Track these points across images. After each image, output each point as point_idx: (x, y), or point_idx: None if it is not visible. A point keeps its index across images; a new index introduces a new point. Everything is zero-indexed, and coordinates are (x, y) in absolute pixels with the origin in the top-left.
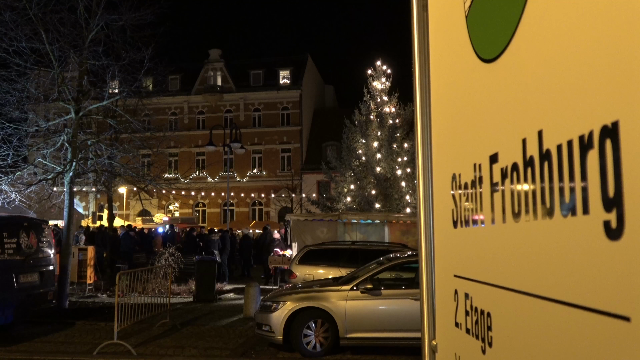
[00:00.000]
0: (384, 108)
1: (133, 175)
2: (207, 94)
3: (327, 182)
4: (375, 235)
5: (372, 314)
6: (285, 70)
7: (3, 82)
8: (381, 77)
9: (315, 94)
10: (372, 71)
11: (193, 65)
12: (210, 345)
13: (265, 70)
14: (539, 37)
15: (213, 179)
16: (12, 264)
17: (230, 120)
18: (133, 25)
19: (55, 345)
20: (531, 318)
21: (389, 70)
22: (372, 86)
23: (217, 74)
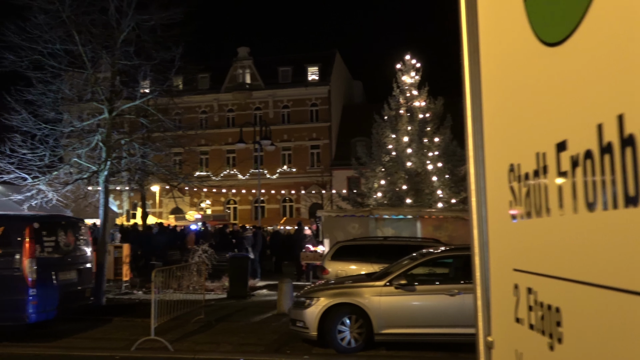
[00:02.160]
0: (414, 102)
1: (166, 173)
2: (237, 92)
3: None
4: (407, 231)
5: (407, 309)
6: (314, 66)
7: (39, 84)
8: (410, 71)
9: (344, 90)
10: (401, 65)
11: (222, 64)
12: (245, 341)
13: (293, 67)
14: (615, 16)
15: (243, 176)
16: (51, 262)
17: (259, 118)
18: (163, 24)
19: (93, 341)
20: (607, 312)
21: (418, 64)
22: (401, 80)
23: (246, 72)
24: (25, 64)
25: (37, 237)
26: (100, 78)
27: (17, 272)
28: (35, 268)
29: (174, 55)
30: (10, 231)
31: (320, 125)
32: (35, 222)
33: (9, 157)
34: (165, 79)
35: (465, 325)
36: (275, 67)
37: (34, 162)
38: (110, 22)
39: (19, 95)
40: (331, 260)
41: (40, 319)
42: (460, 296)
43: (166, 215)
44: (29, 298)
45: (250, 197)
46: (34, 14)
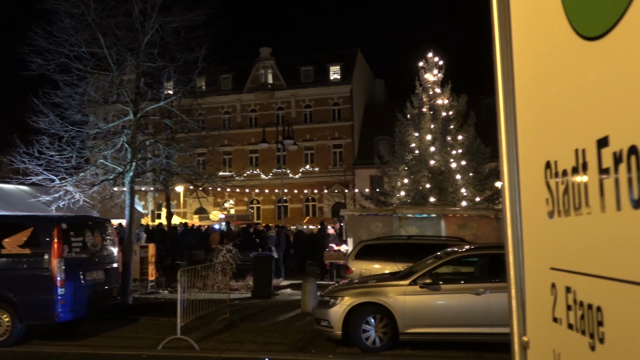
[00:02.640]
0: (437, 100)
1: (190, 173)
2: (259, 92)
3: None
4: (431, 230)
5: (432, 309)
6: (335, 65)
7: (65, 86)
8: (433, 69)
9: (366, 89)
10: (424, 63)
11: (244, 64)
12: (270, 341)
13: (315, 66)
14: None
15: (266, 176)
16: (79, 262)
17: (281, 118)
18: (186, 26)
19: (121, 340)
20: None
21: (441, 62)
22: (423, 78)
23: (268, 72)
24: (52, 67)
25: (65, 238)
26: (125, 80)
27: (46, 272)
28: (63, 268)
29: (198, 57)
30: (39, 232)
31: (342, 124)
32: (63, 223)
33: (37, 159)
34: (189, 80)
35: (491, 324)
36: (297, 67)
37: (62, 163)
38: (135, 25)
39: (46, 98)
40: (355, 259)
41: (69, 318)
42: (486, 295)
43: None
44: (57, 297)
45: (273, 196)
46: (60, 17)
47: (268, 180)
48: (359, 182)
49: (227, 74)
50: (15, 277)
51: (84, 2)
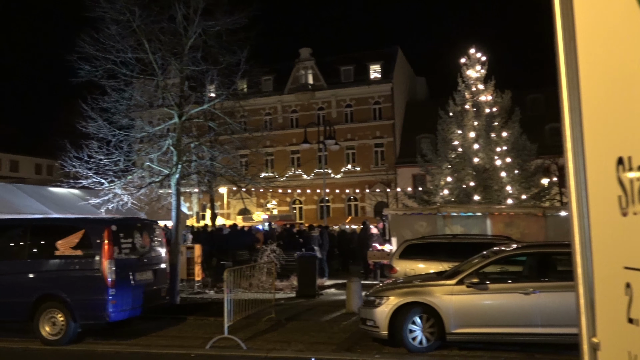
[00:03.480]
0: (480, 97)
1: (234, 175)
2: (299, 92)
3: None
4: (476, 228)
5: (479, 308)
6: (376, 64)
7: (112, 92)
8: (475, 65)
9: (407, 87)
10: (466, 59)
11: (284, 65)
12: (316, 340)
13: (355, 65)
14: None
15: (308, 176)
16: (128, 263)
17: (322, 118)
18: (228, 29)
19: (170, 340)
20: None
21: (483, 58)
22: (466, 75)
23: (308, 73)
24: (99, 73)
25: (115, 239)
26: (169, 84)
27: (97, 273)
28: (114, 269)
29: (240, 59)
30: (90, 234)
31: (383, 123)
32: (113, 225)
33: (87, 162)
34: (232, 83)
35: (541, 324)
36: (337, 67)
37: (110, 167)
38: (178, 30)
39: (94, 104)
40: (399, 258)
41: (119, 318)
42: (535, 295)
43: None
44: (109, 298)
45: (315, 196)
46: (106, 25)
47: (310, 180)
48: (401, 181)
49: (267, 75)
50: (68, 278)
51: (129, 9)
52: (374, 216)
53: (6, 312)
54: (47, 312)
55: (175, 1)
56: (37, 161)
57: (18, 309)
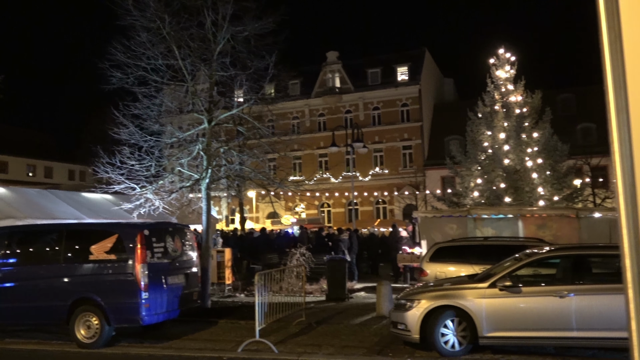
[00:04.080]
0: (510, 97)
1: (263, 179)
2: (327, 96)
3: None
4: (507, 230)
5: (513, 312)
6: (403, 66)
7: (143, 98)
8: (505, 66)
9: (435, 88)
10: (495, 60)
11: (311, 69)
12: (347, 344)
13: (382, 68)
14: None
15: (336, 179)
16: (161, 267)
17: (350, 121)
18: (256, 34)
19: (202, 343)
20: None
21: (512, 58)
22: (495, 75)
23: (335, 76)
24: (131, 80)
25: (148, 244)
26: (199, 90)
27: (130, 277)
28: (147, 273)
29: (268, 64)
30: (123, 238)
31: (411, 125)
32: (146, 230)
33: (119, 168)
34: (260, 88)
35: (577, 328)
36: (364, 70)
37: (142, 172)
38: (207, 36)
39: (126, 110)
40: (429, 261)
41: (153, 322)
42: (570, 298)
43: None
44: (142, 301)
45: (343, 199)
46: (137, 32)
47: (338, 183)
48: (429, 183)
49: (295, 79)
50: (102, 282)
51: (159, 17)
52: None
53: (44, 315)
54: (83, 316)
55: (204, 8)
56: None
57: (55, 313)
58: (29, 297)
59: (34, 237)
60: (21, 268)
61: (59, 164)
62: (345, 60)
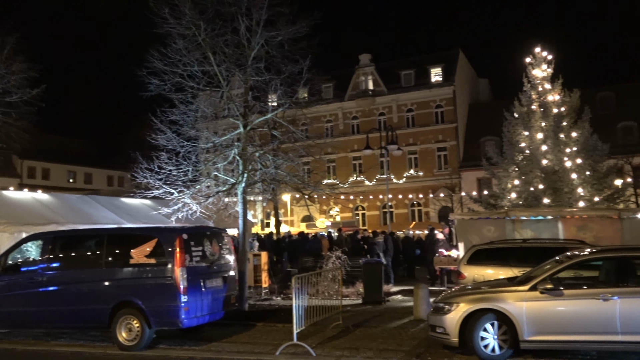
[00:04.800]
0: (547, 96)
1: (298, 182)
2: (360, 99)
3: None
4: (547, 232)
5: (554, 315)
6: (436, 67)
7: (180, 104)
8: (541, 64)
9: (469, 89)
10: (531, 59)
11: (344, 72)
12: (384, 347)
13: (415, 69)
14: None
15: (370, 182)
16: (199, 270)
17: (383, 123)
18: (290, 39)
19: (240, 346)
20: None
21: (549, 56)
22: (531, 75)
23: (368, 78)
24: (167, 87)
25: (187, 248)
26: (234, 95)
27: (169, 280)
28: (185, 276)
29: (302, 68)
30: (162, 242)
31: (446, 126)
32: (184, 234)
33: (157, 173)
34: (294, 92)
35: (622, 332)
36: (397, 71)
37: (179, 177)
38: (242, 41)
39: (163, 117)
40: (467, 264)
41: (192, 324)
42: (614, 301)
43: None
44: (181, 304)
45: (378, 202)
46: (173, 40)
47: (372, 186)
48: (465, 185)
49: (328, 82)
50: (142, 286)
51: (195, 24)
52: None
53: (86, 318)
54: (124, 319)
55: (239, 14)
56: (109, 173)
57: (97, 316)
58: (71, 300)
59: (76, 241)
60: (64, 272)
61: (98, 170)
62: (378, 63)
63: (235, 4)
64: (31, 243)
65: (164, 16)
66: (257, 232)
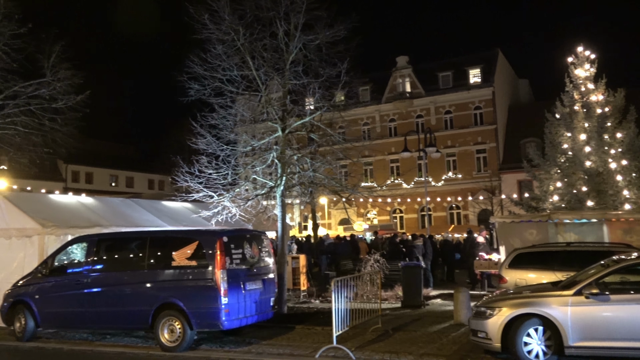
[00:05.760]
0: (590, 97)
1: (336, 185)
2: (397, 101)
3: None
4: (591, 236)
5: (601, 321)
6: (475, 68)
7: (220, 108)
8: (584, 64)
9: (509, 90)
10: (573, 58)
11: (381, 74)
12: (425, 352)
13: (453, 71)
14: None
15: (408, 184)
16: (239, 273)
17: (421, 125)
18: (328, 42)
19: (280, 348)
20: None
21: (592, 55)
22: (574, 74)
23: (406, 81)
24: (207, 91)
25: (227, 250)
26: (272, 99)
27: (210, 283)
28: (226, 279)
29: (340, 71)
30: (203, 245)
31: (485, 128)
32: (225, 236)
33: (198, 177)
34: (332, 95)
35: None
36: (435, 73)
37: (219, 180)
38: (280, 46)
39: (203, 121)
40: (508, 268)
41: (233, 326)
42: None
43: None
44: (222, 306)
45: (415, 205)
46: (213, 45)
47: (410, 189)
48: (505, 188)
49: (365, 85)
50: (184, 287)
51: (234, 29)
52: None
53: (130, 320)
54: (166, 320)
55: (277, 18)
56: (149, 177)
57: (140, 317)
58: (115, 302)
59: (120, 244)
60: (108, 274)
61: (139, 174)
62: (415, 65)
63: (273, 8)
64: (76, 245)
65: (204, 22)
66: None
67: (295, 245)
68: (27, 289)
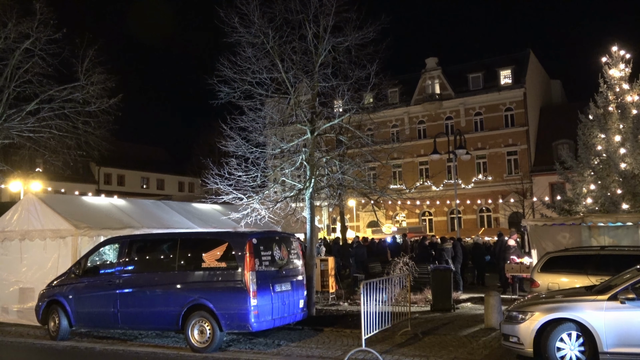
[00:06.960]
0: (625, 97)
1: (365, 187)
2: (426, 103)
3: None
4: (627, 239)
5: (638, 326)
6: (506, 69)
7: (249, 111)
8: (619, 64)
9: (540, 91)
10: (608, 58)
11: (410, 76)
12: (455, 356)
13: (484, 72)
14: None
15: (437, 187)
16: (268, 275)
17: (450, 127)
18: (357, 44)
19: (309, 350)
20: None
21: (627, 55)
22: (608, 75)
23: (435, 82)
24: (237, 94)
25: (256, 252)
26: (301, 101)
27: (239, 284)
28: (255, 280)
29: (369, 73)
30: (233, 247)
31: (516, 130)
32: (254, 238)
33: (227, 179)
34: (361, 97)
35: None
36: (465, 75)
37: (248, 183)
38: (309, 48)
39: (233, 124)
40: (540, 272)
41: (262, 328)
42: None
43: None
44: (251, 308)
45: (445, 208)
46: (242, 48)
47: (440, 191)
48: (537, 190)
49: (394, 87)
50: (214, 289)
51: (263, 32)
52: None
53: (160, 320)
54: (196, 321)
55: (306, 21)
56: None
57: (171, 318)
58: (146, 302)
59: (151, 245)
60: (139, 275)
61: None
62: (444, 66)
63: (302, 11)
64: (108, 246)
65: (234, 25)
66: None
67: (324, 247)
68: (61, 289)
